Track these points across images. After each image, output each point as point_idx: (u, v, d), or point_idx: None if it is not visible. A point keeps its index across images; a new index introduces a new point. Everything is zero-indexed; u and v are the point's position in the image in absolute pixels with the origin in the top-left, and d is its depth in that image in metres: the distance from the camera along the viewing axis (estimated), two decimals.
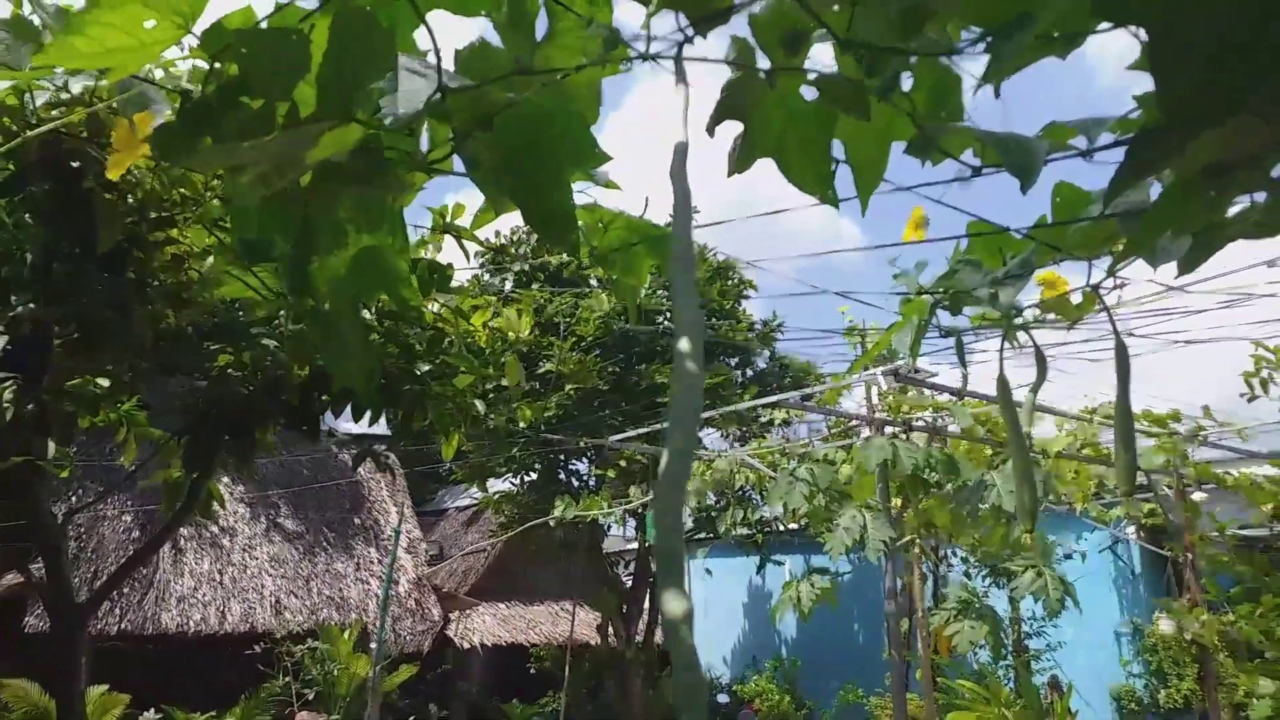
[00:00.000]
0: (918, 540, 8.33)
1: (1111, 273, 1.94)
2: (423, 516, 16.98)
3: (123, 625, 10.19)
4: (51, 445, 2.74)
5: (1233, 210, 1.31)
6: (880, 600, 12.01)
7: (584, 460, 13.65)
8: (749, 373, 13.67)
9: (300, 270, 1.57)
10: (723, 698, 14.51)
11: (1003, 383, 2.49)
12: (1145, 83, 1.37)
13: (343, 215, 1.50)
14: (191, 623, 10.41)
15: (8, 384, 2.12)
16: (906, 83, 1.27)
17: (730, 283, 13.15)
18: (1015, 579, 7.25)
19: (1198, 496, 8.10)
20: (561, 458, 13.20)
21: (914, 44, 1.18)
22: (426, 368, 2.56)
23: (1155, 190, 1.41)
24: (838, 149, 1.40)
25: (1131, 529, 11.60)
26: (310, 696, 9.61)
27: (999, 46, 1.13)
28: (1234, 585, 5.57)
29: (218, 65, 1.15)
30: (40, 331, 2.13)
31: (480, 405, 2.74)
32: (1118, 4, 0.88)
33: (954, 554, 11.31)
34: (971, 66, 1.25)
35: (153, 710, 8.56)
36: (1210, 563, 3.73)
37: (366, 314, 2.16)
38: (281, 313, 2.23)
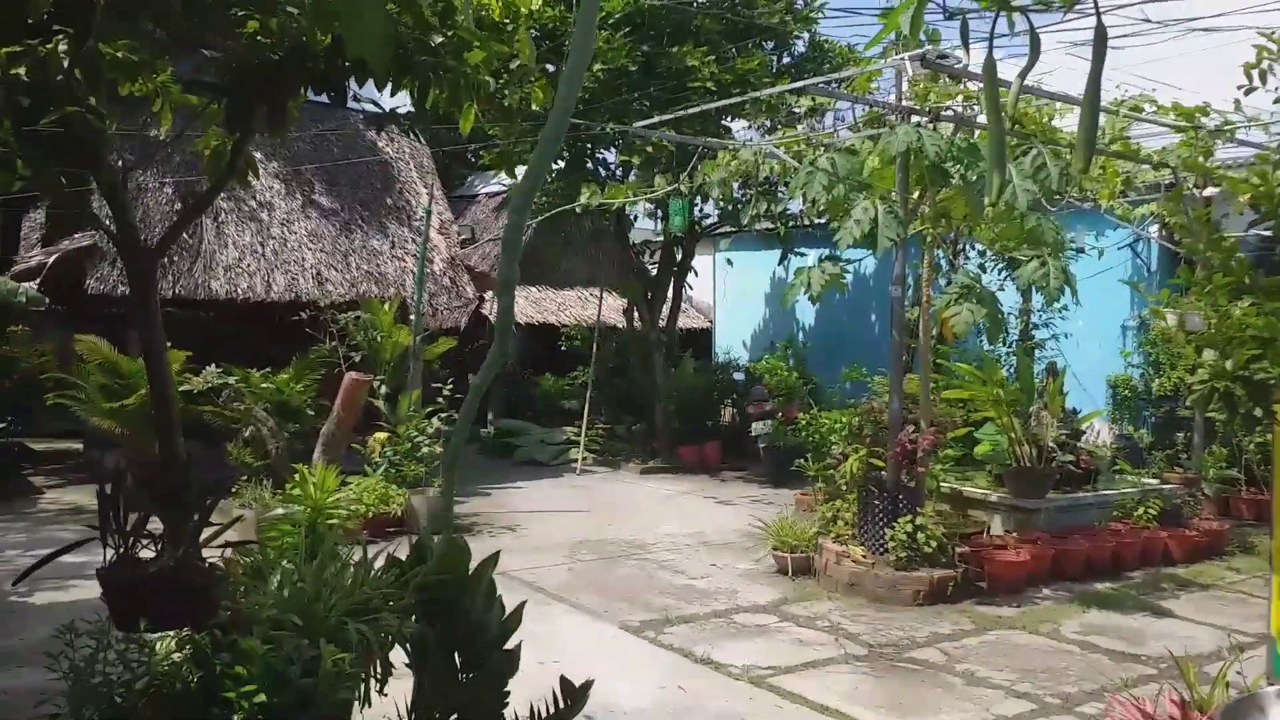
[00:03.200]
0: (932, 231, 8.53)
1: None
2: (453, 201, 17.29)
3: (175, 290, 10.90)
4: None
5: None
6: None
7: (612, 149, 13.61)
8: (785, 58, 13.20)
9: None
10: (739, 375, 15.49)
11: (989, 65, 2.57)
12: None
13: None
14: (239, 290, 11.10)
15: (59, 35, 2.27)
16: None
17: None
18: (1022, 268, 7.50)
19: (1210, 192, 8.12)
20: (589, 145, 13.18)
21: None
22: (439, 40, 2.65)
23: None
24: None
25: (1155, 228, 11.67)
26: (357, 359, 10.43)
27: None
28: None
29: None
30: None
31: (491, 81, 2.86)
32: None
33: (972, 247, 11.52)
34: None
35: (213, 365, 9.37)
36: (1190, 248, 3.92)
37: None
38: None
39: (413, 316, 11.27)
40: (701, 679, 5.45)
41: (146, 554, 2.85)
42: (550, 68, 10.49)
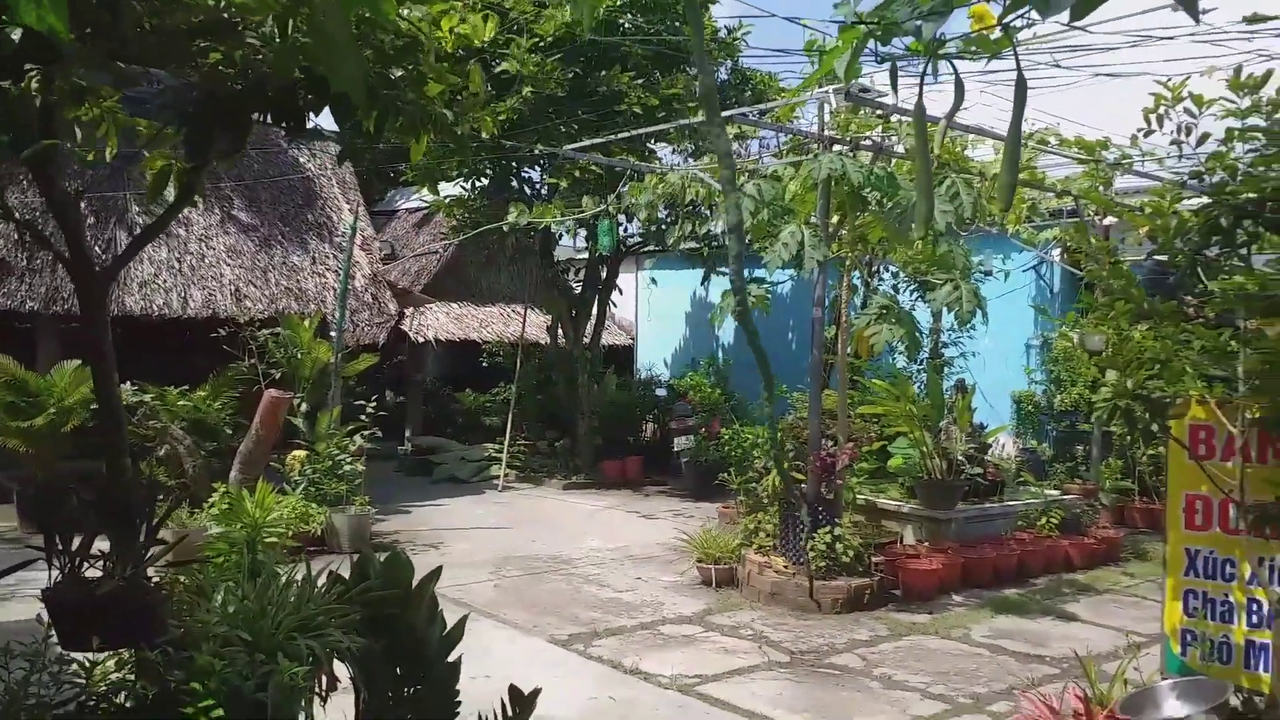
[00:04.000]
0: (850, 254, 8.87)
1: (1011, 18, 2.20)
2: (373, 216, 17.14)
3: None
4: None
5: None
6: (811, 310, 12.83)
7: (537, 168, 13.72)
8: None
9: None
10: (661, 391, 15.71)
11: (918, 107, 2.79)
12: None
13: None
14: (155, 306, 10.83)
15: (32, 73, 2.30)
16: None
17: None
18: (935, 290, 7.86)
19: (1110, 222, 8.65)
20: (514, 165, 13.26)
21: None
22: (399, 73, 2.75)
23: None
24: None
25: (1057, 251, 12.29)
26: (277, 376, 10.28)
27: None
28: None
29: None
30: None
31: (449, 114, 2.96)
32: None
33: (886, 269, 11.97)
34: None
35: (128, 383, 9.11)
36: (1093, 275, 4.23)
37: None
38: (270, 19, 2.38)
39: (333, 333, 11.16)
40: (631, 689, 5.56)
41: (92, 573, 2.84)
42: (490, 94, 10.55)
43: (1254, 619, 4.29)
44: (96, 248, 10.59)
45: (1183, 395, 4.21)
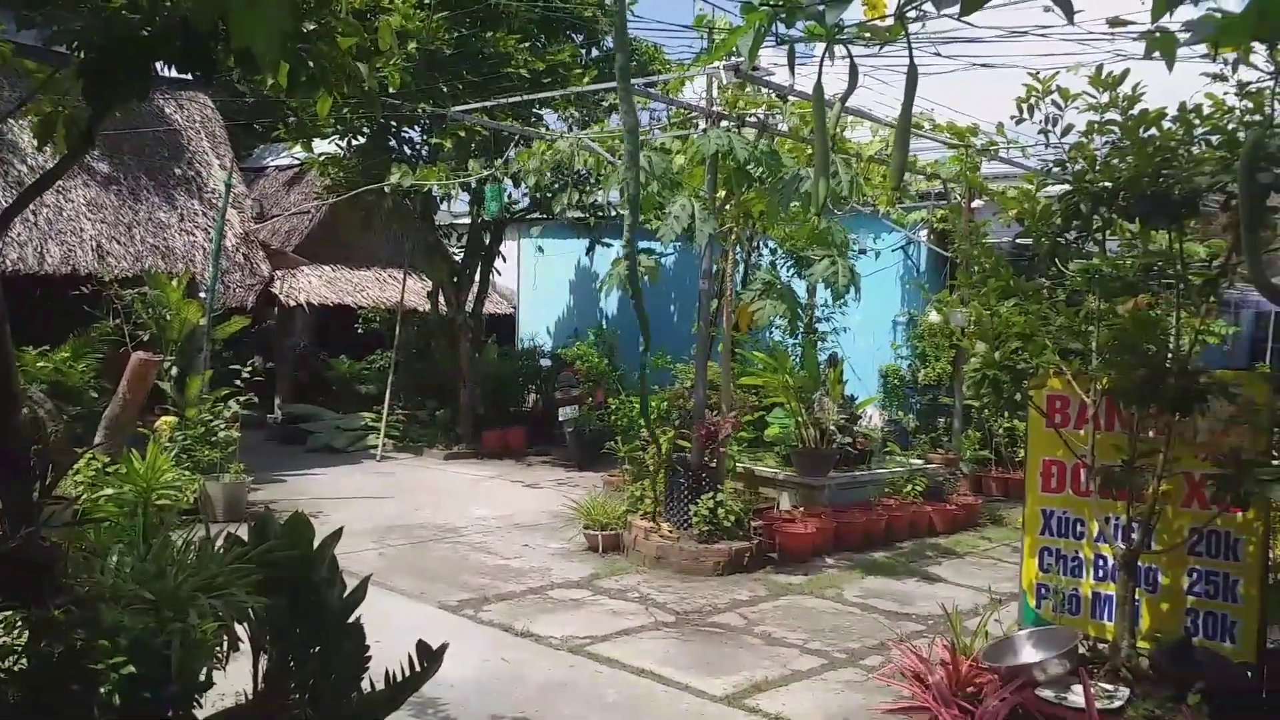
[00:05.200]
0: (735, 229, 9.12)
1: (907, 10, 2.36)
2: (242, 172, 16.42)
3: None
4: None
5: None
6: (694, 282, 13.06)
7: (417, 128, 13.42)
8: (594, 52, 13.50)
9: None
10: (545, 361, 15.72)
11: (818, 89, 2.95)
12: None
13: None
14: (8, 262, 10.13)
15: None
16: None
17: None
18: (813, 266, 8.17)
19: (976, 204, 9.18)
20: (394, 123, 12.95)
21: None
22: (312, 27, 2.72)
23: None
24: None
25: (924, 232, 12.90)
26: (144, 338, 9.82)
27: None
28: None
29: None
30: None
31: (363, 68, 2.94)
32: None
33: (765, 245, 12.32)
34: None
35: None
36: (964, 255, 4.54)
37: None
38: None
39: (203, 294, 10.72)
40: (523, 651, 5.67)
41: None
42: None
43: (1100, 573, 4.73)
44: None
45: (1044, 367, 4.58)
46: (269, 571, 3.41)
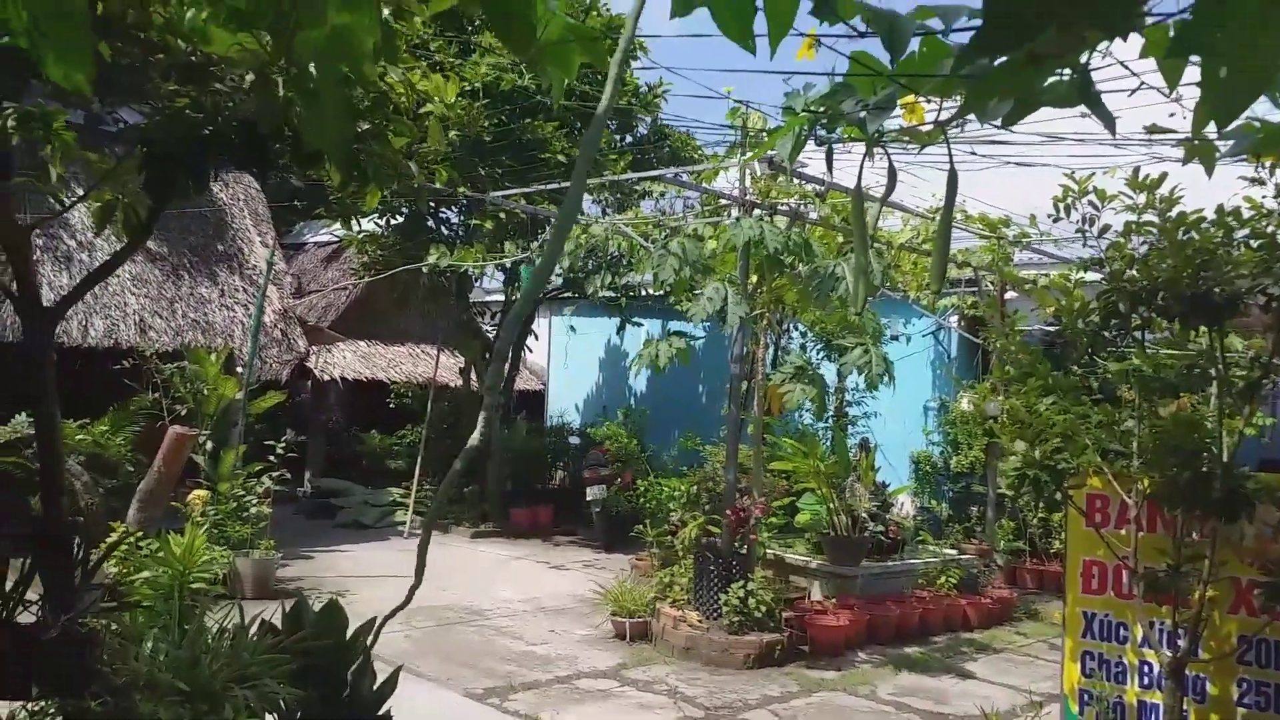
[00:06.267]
0: (766, 314, 9.17)
1: (950, 123, 2.42)
2: (281, 248, 16.81)
3: None
4: None
5: (1047, 82, 1.78)
6: (723, 364, 13.10)
7: (454, 209, 13.72)
8: (628, 138, 13.82)
9: (284, 37, 1.83)
10: (574, 439, 15.72)
11: (858, 192, 2.99)
12: None
13: None
14: (54, 334, 10.37)
15: (9, 111, 2.29)
16: None
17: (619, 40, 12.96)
18: (846, 354, 8.18)
19: (1010, 296, 9.18)
20: (432, 204, 13.25)
21: None
22: (366, 126, 2.82)
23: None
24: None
25: (955, 318, 12.90)
26: (181, 412, 9.95)
27: None
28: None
29: None
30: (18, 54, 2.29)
31: (414, 167, 3.04)
32: None
33: (795, 328, 12.36)
34: None
35: (22, 414, 8.71)
36: (1002, 350, 4.54)
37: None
38: (249, 73, 2.43)
39: (240, 369, 10.88)
40: None
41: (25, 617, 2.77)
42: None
43: (1146, 680, 4.58)
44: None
45: (1083, 467, 4.53)
46: (302, 661, 3.40)
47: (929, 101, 2.63)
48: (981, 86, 1.83)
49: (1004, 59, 1.77)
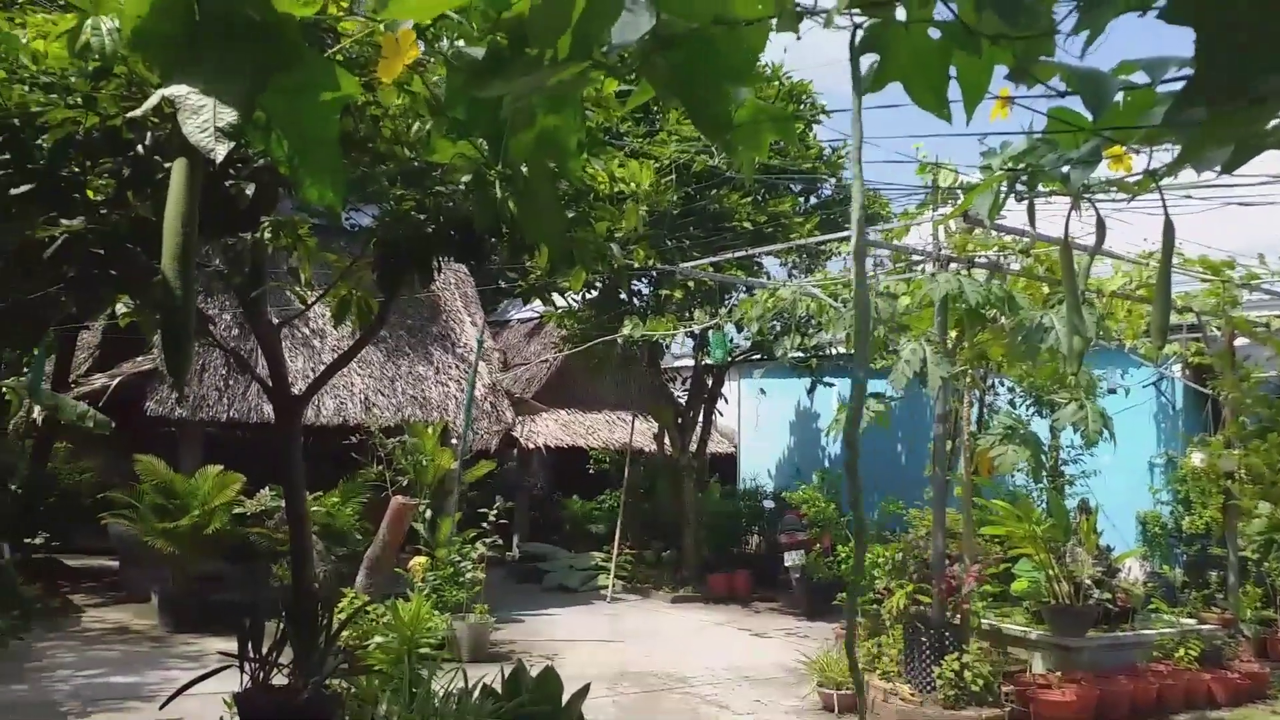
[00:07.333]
0: (969, 371, 8.84)
1: (1164, 174, 2.32)
2: (488, 326, 17.82)
3: (230, 414, 11.27)
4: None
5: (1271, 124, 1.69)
6: (922, 424, 12.65)
7: (645, 280, 14.14)
8: (812, 200, 13.84)
9: (499, 142, 2.01)
10: (768, 503, 15.58)
11: (1066, 248, 2.90)
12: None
13: (534, 101, 1.91)
14: None
15: (266, 225, 2.64)
16: None
17: (801, 106, 13.12)
18: (1059, 410, 7.75)
19: (1239, 343, 8.42)
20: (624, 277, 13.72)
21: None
22: (571, 215, 3.03)
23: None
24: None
25: (1178, 367, 11.96)
26: (404, 483, 10.66)
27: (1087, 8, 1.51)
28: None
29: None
30: (269, 177, 2.63)
31: (615, 249, 3.22)
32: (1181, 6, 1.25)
33: (1001, 384, 11.81)
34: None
35: (267, 489, 9.60)
36: (1236, 403, 4.18)
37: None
38: (465, 177, 2.68)
39: (455, 441, 11.55)
40: None
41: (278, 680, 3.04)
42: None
43: None
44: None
45: None
46: None
47: (1136, 151, 2.54)
48: (1198, 135, 1.77)
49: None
